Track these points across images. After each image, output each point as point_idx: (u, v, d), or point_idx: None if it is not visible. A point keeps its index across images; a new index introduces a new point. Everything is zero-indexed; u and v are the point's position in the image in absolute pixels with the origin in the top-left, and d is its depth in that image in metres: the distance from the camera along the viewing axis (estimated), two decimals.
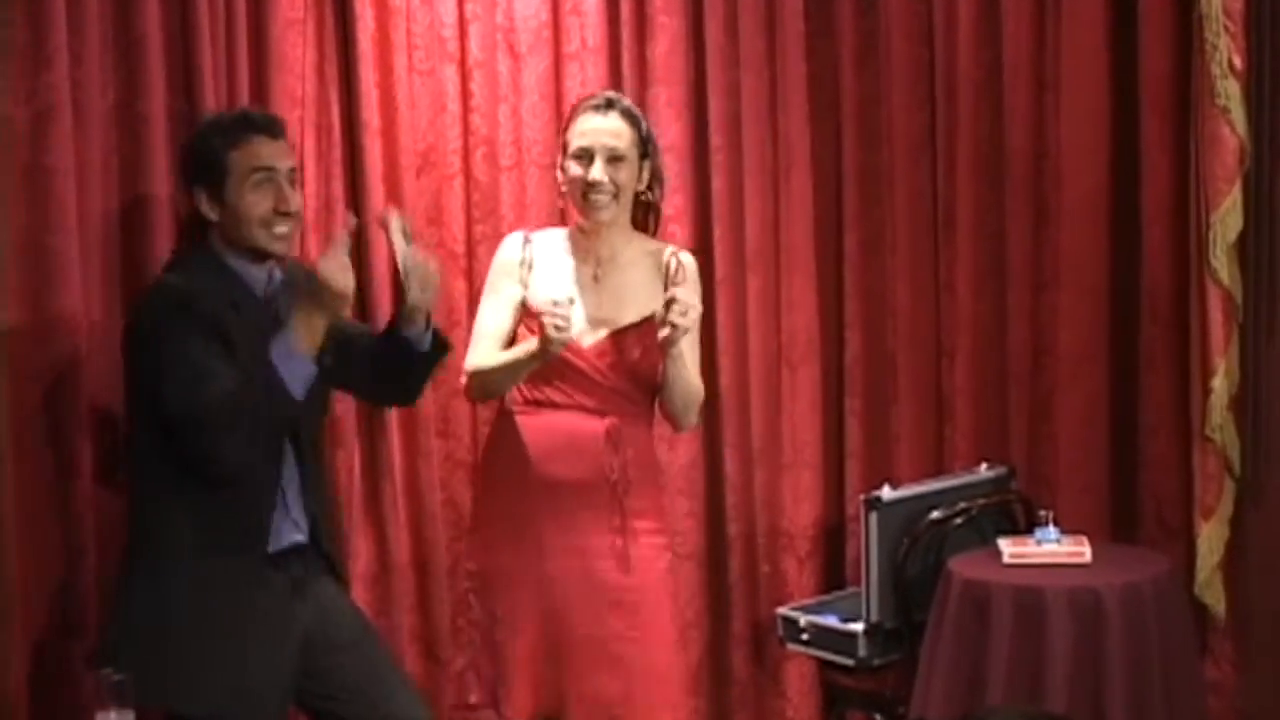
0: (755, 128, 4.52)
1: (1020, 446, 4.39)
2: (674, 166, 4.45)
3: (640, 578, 3.61)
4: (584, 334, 3.61)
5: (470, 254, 4.41)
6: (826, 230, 4.60)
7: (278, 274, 3.25)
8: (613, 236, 3.67)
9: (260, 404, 2.98)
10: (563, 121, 3.77)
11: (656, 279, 3.66)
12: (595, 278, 3.66)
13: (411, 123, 4.26)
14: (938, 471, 4.46)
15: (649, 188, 3.69)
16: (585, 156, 3.60)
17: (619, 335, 3.62)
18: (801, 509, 4.59)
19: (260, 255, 3.20)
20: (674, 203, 4.44)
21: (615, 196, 3.60)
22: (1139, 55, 4.19)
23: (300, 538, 3.27)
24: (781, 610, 4.39)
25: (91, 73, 3.62)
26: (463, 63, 4.37)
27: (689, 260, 3.73)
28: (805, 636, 4.27)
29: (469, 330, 4.17)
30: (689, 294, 3.55)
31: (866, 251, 4.59)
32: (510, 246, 3.73)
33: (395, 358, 3.34)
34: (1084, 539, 4.03)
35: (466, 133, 4.38)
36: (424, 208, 4.33)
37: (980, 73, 4.39)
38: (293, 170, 3.22)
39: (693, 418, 3.73)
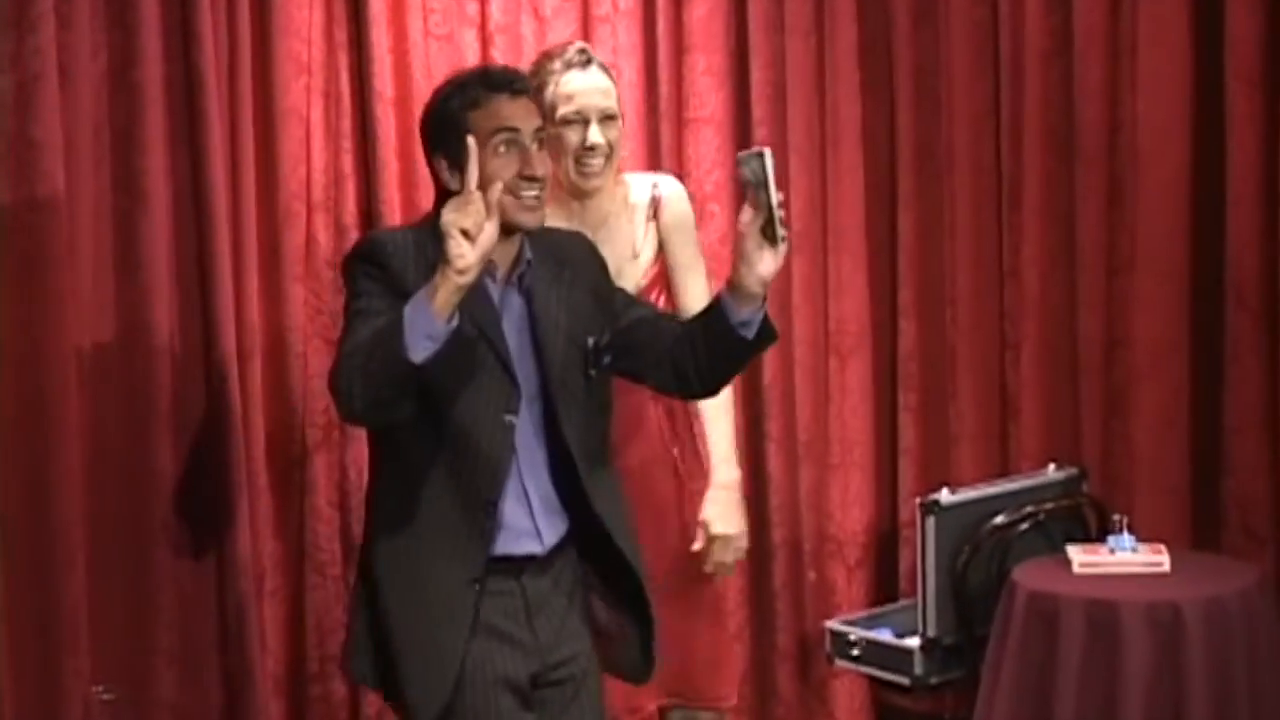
0: (801, 98, 4.52)
1: (1092, 446, 4.39)
2: (713, 140, 4.45)
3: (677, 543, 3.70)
4: None
5: None
6: (879, 209, 4.60)
7: (528, 254, 3.08)
8: (601, 200, 3.67)
9: (374, 353, 2.85)
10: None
11: (639, 224, 3.68)
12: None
13: (427, 92, 3.98)
14: (1001, 473, 4.46)
15: None
16: (577, 120, 3.58)
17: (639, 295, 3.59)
18: (851, 513, 4.60)
19: (506, 228, 2.98)
20: (713, 179, 4.44)
21: (609, 159, 3.61)
22: (1225, 18, 4.16)
23: (537, 549, 3.10)
24: (830, 623, 4.40)
25: (81, 37, 3.63)
26: (483, 27, 4.35)
27: (670, 191, 3.71)
28: (855, 652, 4.28)
29: None
30: (723, 518, 3.66)
31: (923, 233, 4.58)
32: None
33: (714, 343, 3.09)
34: (1162, 547, 4.02)
35: None
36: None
37: (1049, 38, 4.38)
38: (539, 131, 3.07)
39: None
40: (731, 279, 2.97)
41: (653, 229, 3.67)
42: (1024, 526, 4.18)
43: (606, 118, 3.59)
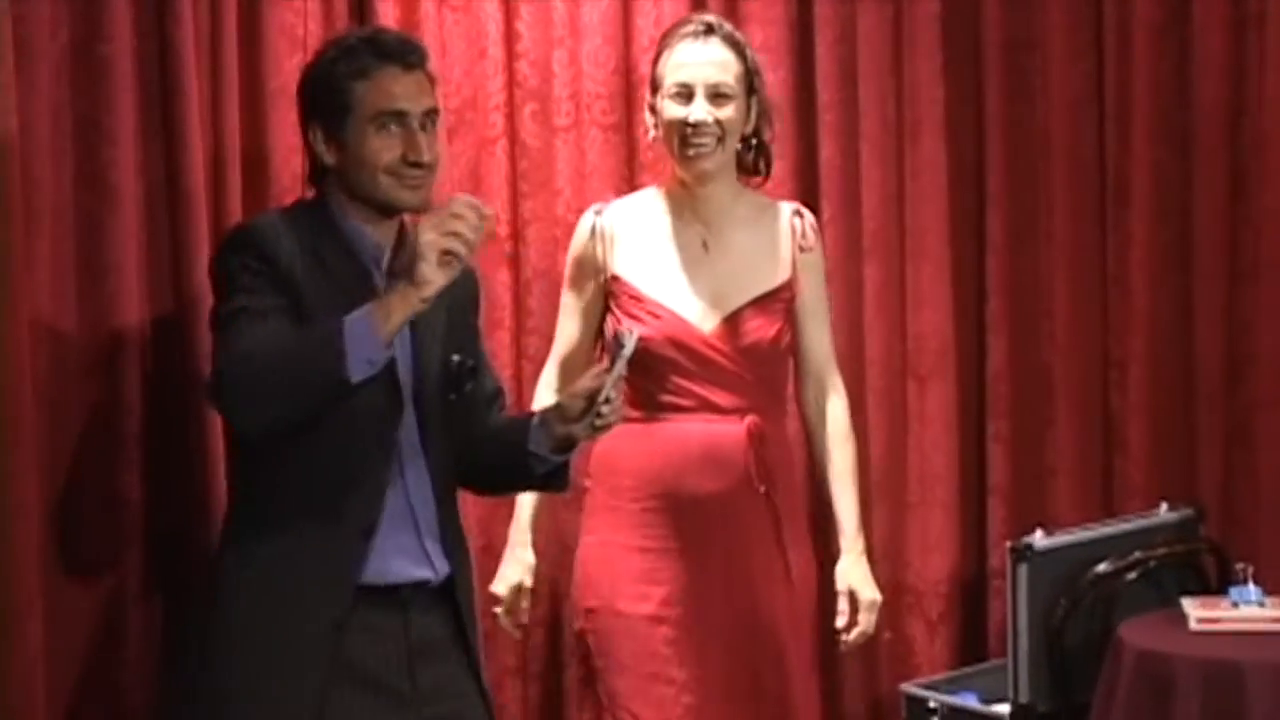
0: (874, 79, 4.53)
1: (1211, 482, 4.42)
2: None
3: (802, 598, 3.79)
4: (703, 315, 3.70)
5: (516, 237, 4.38)
6: (964, 208, 4.61)
7: (410, 237, 3.19)
8: (720, 191, 3.74)
9: (294, 365, 2.92)
10: (650, 58, 3.85)
11: (775, 243, 3.76)
12: (705, 245, 3.73)
13: (443, 72, 4.22)
14: (1105, 514, 4.48)
15: (757, 129, 3.77)
16: (684, 94, 3.67)
17: (743, 313, 3.71)
18: (932, 560, 4.60)
19: (384, 209, 3.17)
20: (772, 174, 4.33)
21: (720, 140, 3.68)
22: None
23: (428, 575, 3.19)
24: (907, 687, 4.42)
25: (39, 8, 3.60)
26: None
27: (815, 225, 3.87)
28: None
29: (515, 334, 4.06)
30: (867, 582, 3.86)
31: (1015, 235, 4.59)
32: (579, 229, 3.83)
33: (502, 451, 3.29)
34: None
35: (511, 84, 4.35)
36: (458, 178, 4.29)
37: (1161, 9, 4.43)
38: (431, 112, 3.19)
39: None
40: (549, 412, 3.20)
41: (795, 259, 3.77)
42: (1131, 576, 4.19)
43: (718, 94, 3.66)
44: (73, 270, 3.68)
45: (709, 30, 3.71)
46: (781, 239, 3.78)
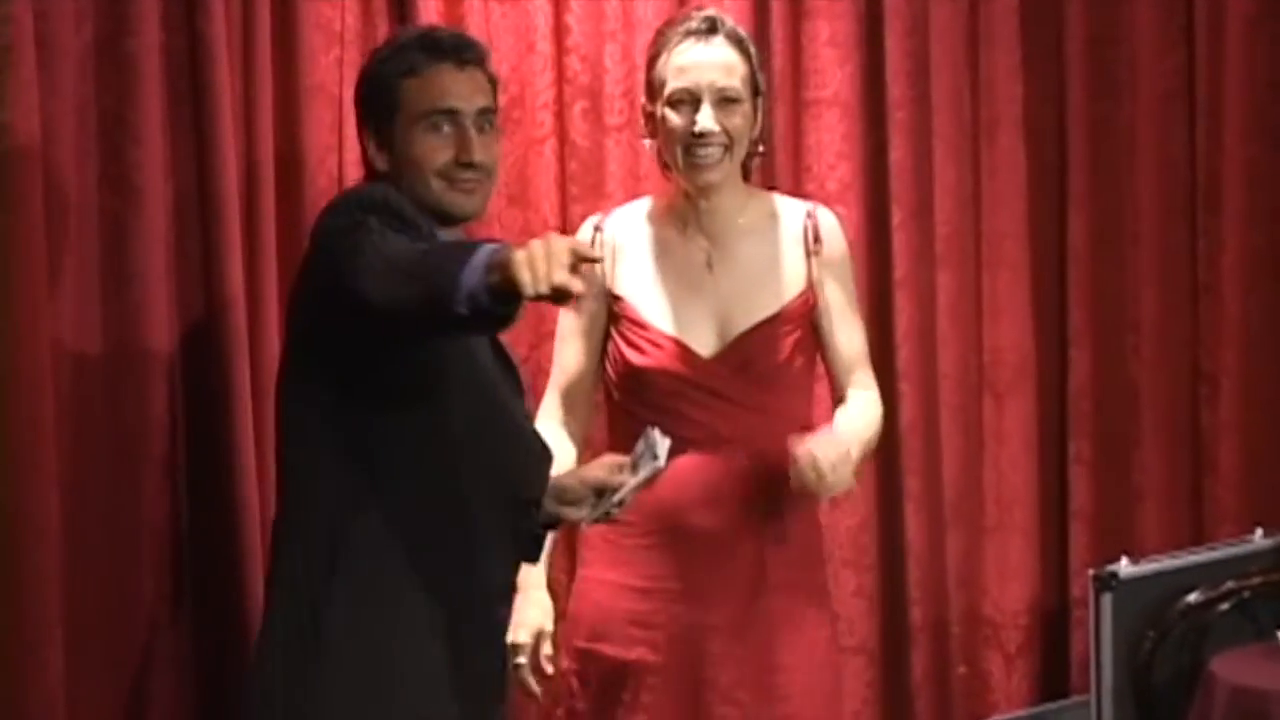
0: (949, 74, 4.52)
1: None
2: (837, 127, 4.44)
3: (801, 659, 3.63)
4: (703, 340, 3.62)
5: None
6: (1044, 212, 4.61)
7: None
8: (725, 202, 3.66)
9: (426, 267, 2.81)
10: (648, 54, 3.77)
11: (786, 252, 3.67)
12: (709, 264, 3.65)
13: None
14: (1195, 540, 4.51)
15: (762, 133, 3.71)
16: (688, 100, 3.59)
17: (750, 337, 3.61)
18: (1010, 589, 4.59)
19: (439, 216, 3.15)
20: (837, 175, 4.43)
21: (728, 149, 3.59)
22: None
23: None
24: None
25: (62, 3, 3.61)
26: None
27: (830, 222, 3.73)
28: None
29: None
30: (825, 444, 3.49)
31: (1098, 241, 4.59)
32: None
33: None
34: None
35: (561, 81, 4.35)
36: (504, 180, 4.26)
37: (1255, 1, 4.46)
38: (487, 112, 3.18)
39: (878, 434, 3.78)
40: (552, 486, 3.23)
41: (809, 265, 3.67)
42: (1224, 606, 4.20)
43: (726, 100, 3.58)
44: (97, 278, 3.69)
45: (712, 28, 3.62)
46: (794, 246, 3.68)
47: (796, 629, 3.63)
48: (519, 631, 3.58)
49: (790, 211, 3.71)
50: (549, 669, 3.63)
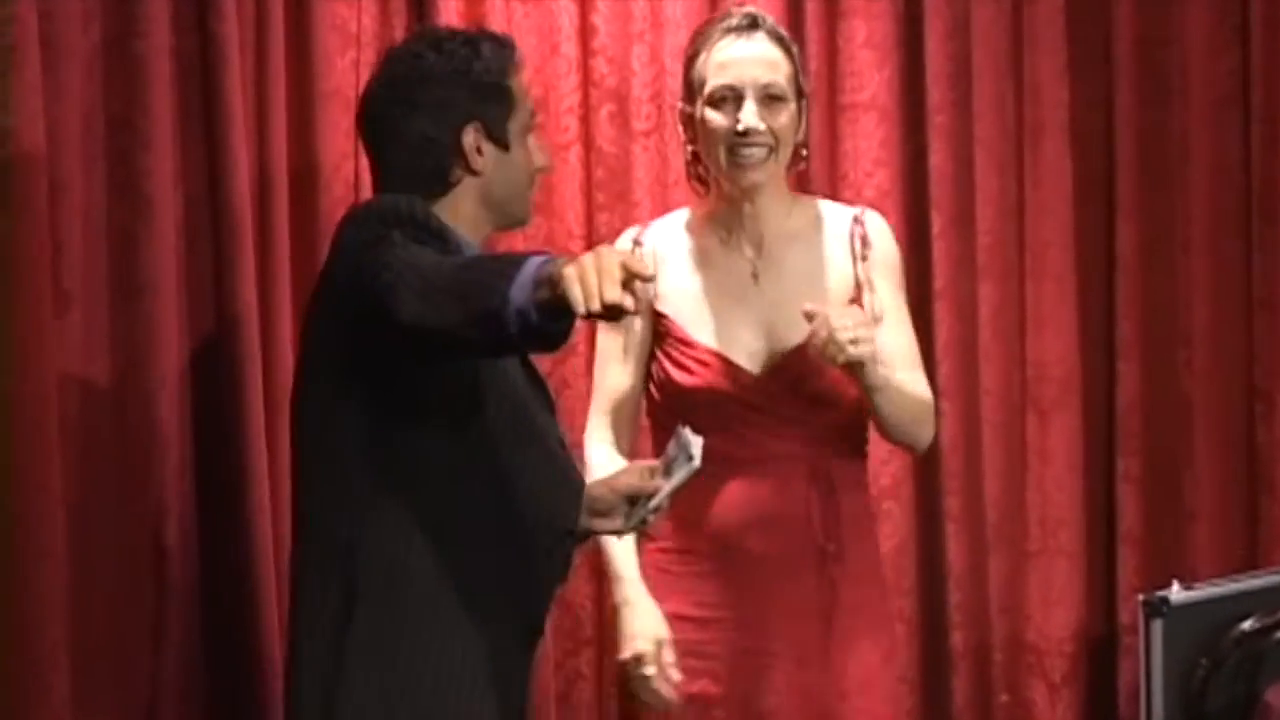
0: (991, 78, 4.52)
1: None
2: (875, 132, 4.44)
3: (864, 686, 3.63)
4: (751, 355, 3.61)
5: None
6: (1091, 221, 4.59)
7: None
8: (770, 207, 3.65)
9: (469, 283, 2.82)
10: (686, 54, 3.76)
11: (834, 259, 3.66)
12: (754, 274, 3.64)
13: None
14: (1251, 564, 4.46)
15: (805, 138, 3.70)
16: (729, 97, 3.58)
17: (800, 351, 3.57)
18: (1054, 614, 4.57)
19: (512, 221, 3.31)
20: (874, 182, 4.43)
21: (773, 150, 3.59)
22: None
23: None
24: None
25: (69, 2, 3.62)
26: None
27: (878, 225, 3.72)
28: None
29: (590, 363, 4.12)
30: (843, 312, 3.50)
31: (1148, 250, 4.58)
32: None
33: None
34: None
35: (587, 84, 4.36)
36: None
37: None
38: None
39: (925, 432, 3.72)
40: (589, 492, 3.25)
41: (857, 271, 3.66)
42: None
43: (770, 97, 3.58)
44: (104, 290, 3.71)
45: (753, 24, 3.62)
46: (841, 253, 3.67)
47: (859, 655, 3.63)
48: (637, 642, 3.57)
49: (837, 217, 3.71)
50: (676, 676, 3.58)
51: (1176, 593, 4.16)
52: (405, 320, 2.84)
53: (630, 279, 2.63)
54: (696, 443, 3.18)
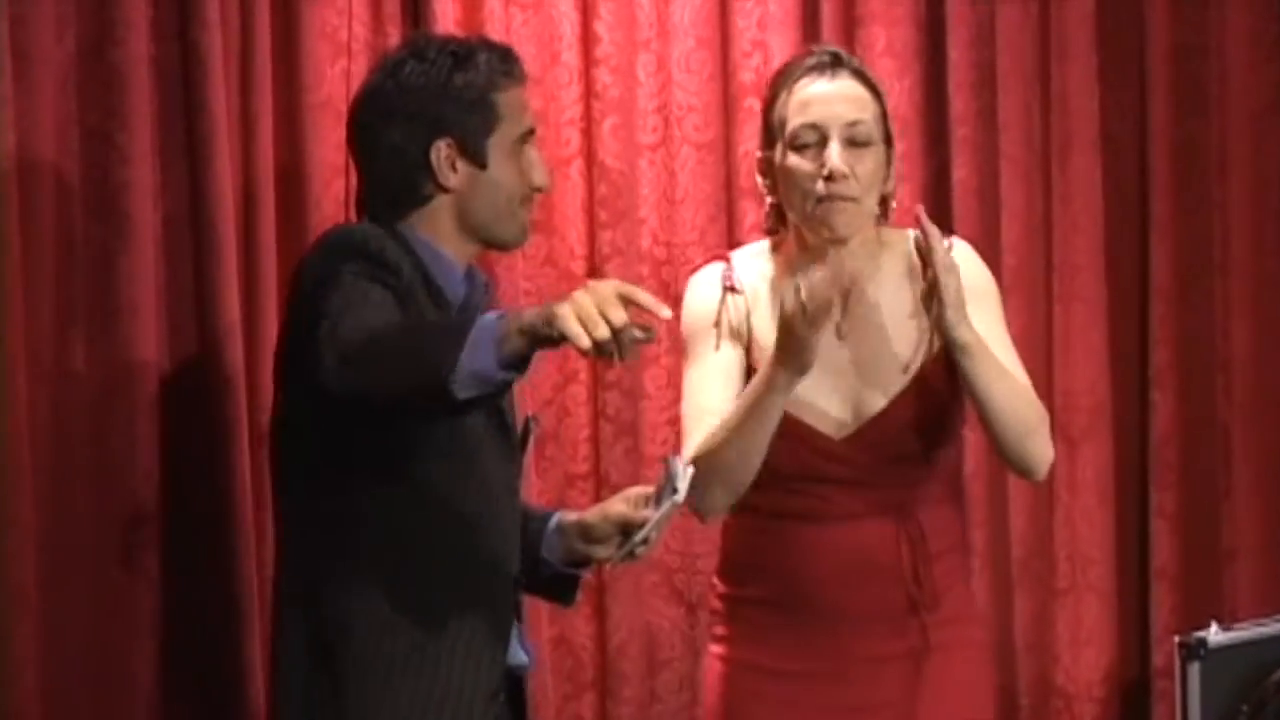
0: (1017, 87, 4.52)
1: None
2: (896, 145, 4.35)
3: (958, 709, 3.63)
4: (834, 421, 3.53)
5: (594, 274, 4.36)
6: (1124, 239, 4.60)
7: (480, 277, 3.31)
8: (855, 259, 3.53)
9: (419, 343, 2.90)
10: (763, 90, 3.70)
11: (918, 301, 3.55)
12: (839, 330, 3.53)
13: None
14: None
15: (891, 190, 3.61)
16: (813, 140, 3.49)
17: (886, 417, 3.53)
18: (1085, 655, 4.57)
19: (494, 243, 3.29)
20: (896, 198, 4.29)
21: (859, 200, 3.49)
22: None
23: (526, 662, 3.32)
24: None
25: (41, 7, 3.65)
26: None
27: (966, 252, 3.62)
28: None
29: (592, 389, 4.07)
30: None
31: (1184, 271, 4.58)
32: (703, 290, 3.63)
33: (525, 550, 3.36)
34: None
35: (589, 95, 4.37)
36: None
37: None
38: None
39: (1037, 448, 3.59)
40: (571, 524, 3.31)
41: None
42: None
43: (855, 141, 3.48)
44: (81, 312, 3.73)
45: (837, 62, 3.54)
46: (929, 297, 3.54)
47: (956, 701, 3.62)
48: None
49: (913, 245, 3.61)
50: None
51: (1215, 634, 4.15)
52: (332, 388, 2.91)
53: (628, 306, 2.71)
54: (684, 474, 3.18)
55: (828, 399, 3.53)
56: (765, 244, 3.65)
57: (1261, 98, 4.50)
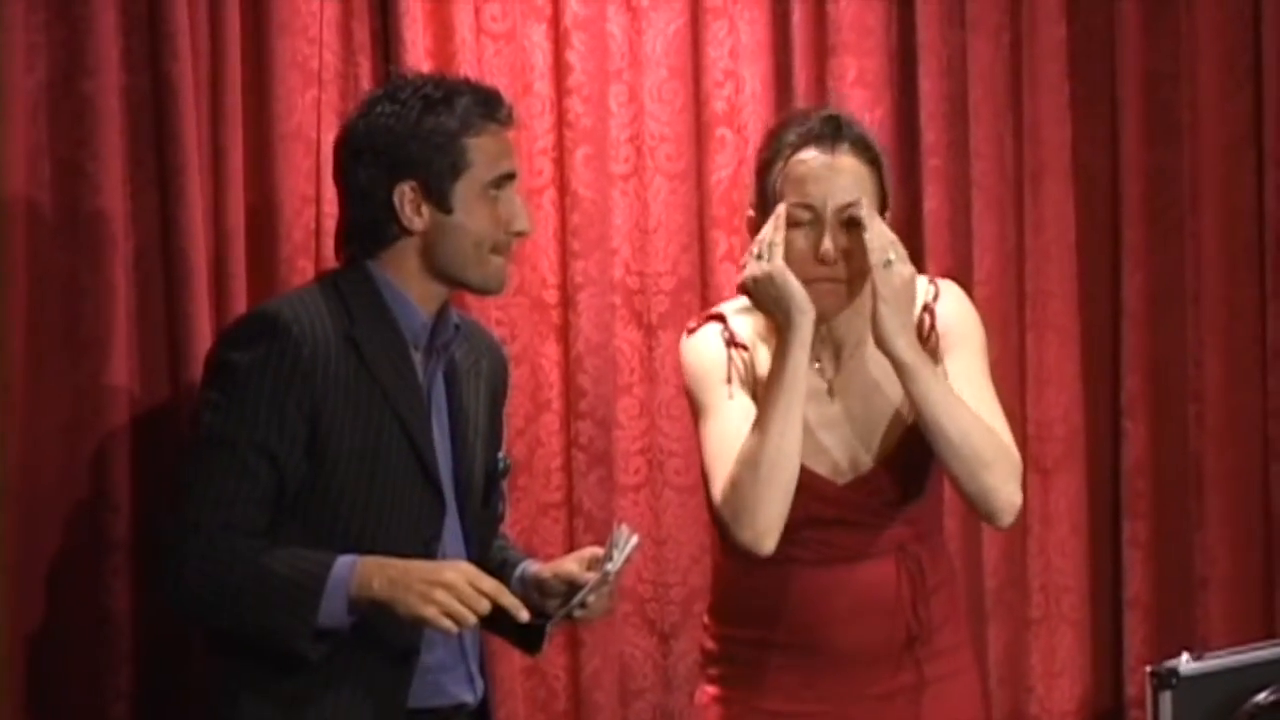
0: (989, 118, 4.53)
1: None
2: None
3: None
4: (833, 467, 3.55)
5: (566, 304, 4.38)
6: (1096, 269, 4.62)
7: (452, 318, 3.35)
8: (846, 322, 3.57)
9: (269, 597, 3.08)
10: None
11: (923, 337, 3.57)
12: (830, 389, 3.58)
13: None
14: (1266, 633, 4.44)
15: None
16: (807, 219, 3.48)
17: (885, 465, 3.55)
18: (1058, 685, 4.59)
19: (468, 286, 3.33)
20: None
21: (850, 282, 3.50)
22: None
23: (470, 699, 3.36)
24: None
25: (11, 36, 3.64)
26: (556, 21, 4.35)
27: (949, 301, 3.62)
28: None
29: (565, 419, 4.09)
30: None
31: (1156, 300, 4.60)
32: (707, 348, 3.62)
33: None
34: None
35: (561, 125, 4.37)
36: None
37: None
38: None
39: (997, 482, 3.53)
40: (530, 576, 3.36)
41: (930, 344, 3.57)
42: None
43: (851, 221, 3.47)
44: (52, 344, 3.71)
45: (837, 133, 3.50)
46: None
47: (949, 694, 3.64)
48: None
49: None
50: None
51: (1186, 664, 4.11)
52: (170, 607, 3.16)
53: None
54: (626, 546, 3.23)
55: (830, 449, 3.55)
56: (746, 305, 3.60)
57: (1233, 127, 4.51)
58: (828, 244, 3.45)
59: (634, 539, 3.25)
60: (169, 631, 3.77)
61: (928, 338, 3.56)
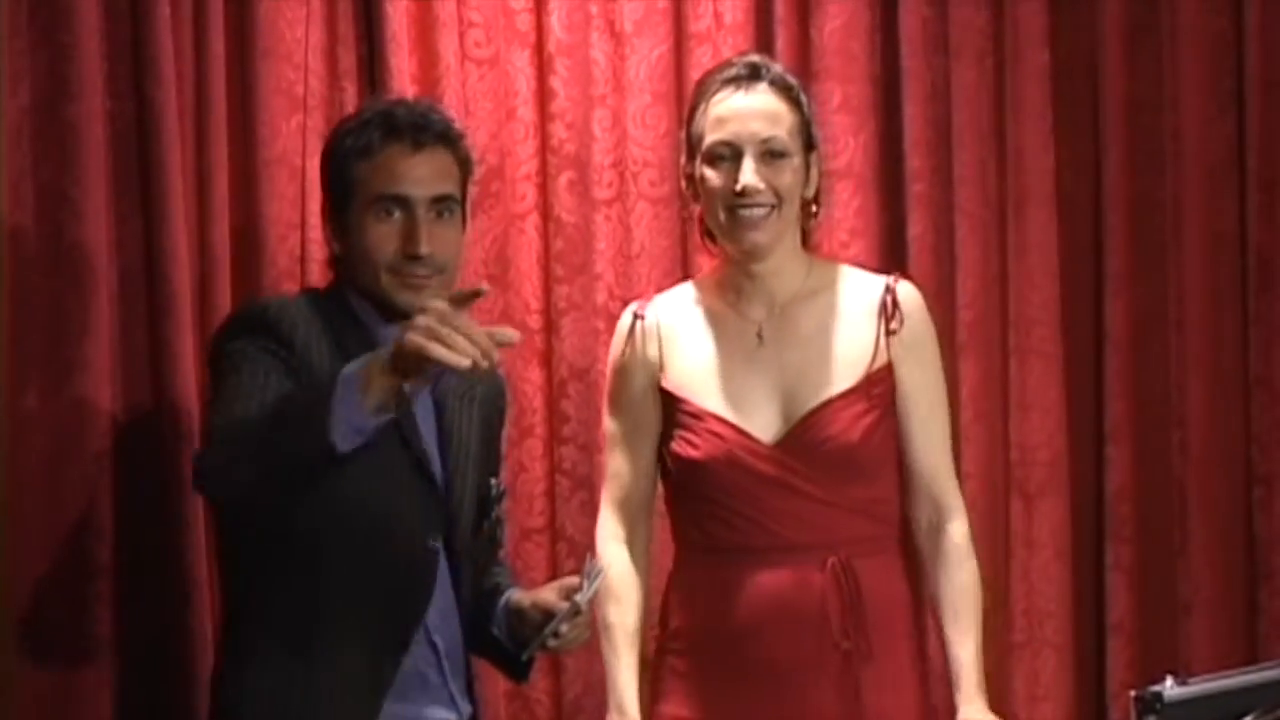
0: (972, 143, 4.55)
1: None
2: (851, 201, 4.47)
3: None
4: (763, 422, 3.58)
5: (550, 328, 4.41)
6: (1079, 294, 4.62)
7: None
8: (780, 268, 3.63)
9: (280, 426, 3.03)
10: (685, 111, 3.78)
11: (860, 322, 3.63)
12: (759, 336, 3.62)
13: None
14: (1249, 658, 4.44)
15: (818, 192, 3.69)
16: (728, 154, 3.57)
17: (818, 416, 3.57)
18: (1041, 710, 4.58)
19: (387, 311, 3.30)
20: (851, 254, 4.41)
21: (776, 208, 3.57)
22: None
23: (451, 717, 3.38)
24: None
25: None
26: (540, 47, 4.39)
27: (912, 297, 3.70)
28: None
29: (548, 444, 4.10)
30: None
31: (1139, 326, 4.60)
32: (617, 337, 3.74)
33: (477, 620, 3.45)
34: None
35: (544, 150, 4.41)
36: (482, 259, 4.34)
37: None
38: (445, 200, 3.33)
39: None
40: (513, 605, 3.39)
41: (888, 343, 3.63)
42: None
43: (772, 152, 3.57)
44: (34, 370, 3.70)
45: (754, 74, 3.60)
46: (867, 320, 3.63)
47: None
48: None
49: (865, 283, 3.69)
50: None
51: (1170, 688, 4.09)
52: (222, 498, 3.17)
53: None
54: (595, 576, 3.26)
55: (760, 404, 3.59)
56: (690, 284, 3.76)
57: (1216, 153, 4.51)
58: (748, 177, 3.52)
59: (600, 574, 3.28)
60: (152, 658, 3.78)
61: (892, 315, 3.63)
